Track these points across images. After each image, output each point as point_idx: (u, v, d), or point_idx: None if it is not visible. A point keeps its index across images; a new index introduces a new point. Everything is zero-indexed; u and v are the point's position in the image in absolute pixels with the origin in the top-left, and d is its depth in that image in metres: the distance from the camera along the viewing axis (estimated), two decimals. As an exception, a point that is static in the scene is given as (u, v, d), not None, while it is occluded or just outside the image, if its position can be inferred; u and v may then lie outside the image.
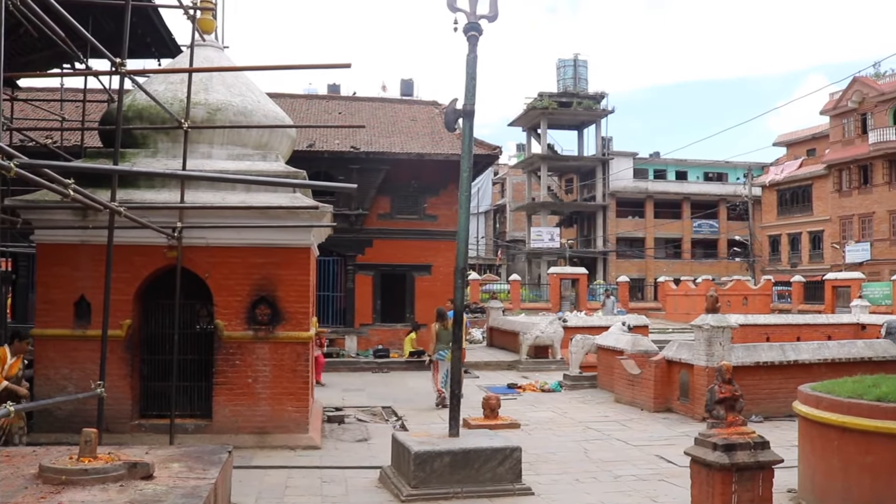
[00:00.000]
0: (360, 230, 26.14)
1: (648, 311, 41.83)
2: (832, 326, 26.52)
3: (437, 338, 16.40)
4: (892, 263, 46.74)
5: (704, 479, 7.01)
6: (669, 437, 13.13)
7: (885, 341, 16.39)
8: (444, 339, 16.05)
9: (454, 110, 9.21)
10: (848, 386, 8.78)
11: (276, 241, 11.92)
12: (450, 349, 16.00)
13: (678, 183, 67.18)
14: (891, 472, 7.77)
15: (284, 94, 29.82)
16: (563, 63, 62.80)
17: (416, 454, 9.04)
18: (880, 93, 49.39)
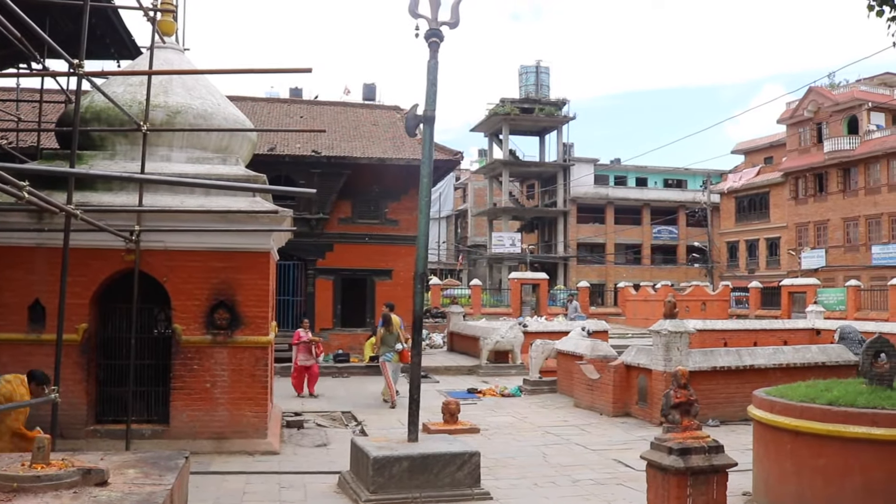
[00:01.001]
0: (321, 234, 26.05)
1: (609, 317, 42.12)
2: (788, 331, 26.93)
3: (383, 341, 17.29)
4: (846, 270, 47.59)
5: (660, 483, 7.09)
6: (627, 441, 13.25)
7: (839, 346, 16.68)
8: (389, 343, 17.17)
9: (415, 116, 9.24)
10: (801, 390, 8.94)
11: (236, 245, 11.85)
12: (395, 351, 17.07)
13: (638, 189, 67.79)
14: (842, 474, 7.92)
15: (246, 97, 29.69)
16: (525, 69, 63.09)
17: (375, 459, 9.03)
18: (835, 103, 50.30)
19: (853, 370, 13.39)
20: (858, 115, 49.31)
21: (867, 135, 48.39)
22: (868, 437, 7.75)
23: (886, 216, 46.64)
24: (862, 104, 49.03)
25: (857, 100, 49.27)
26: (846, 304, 37.87)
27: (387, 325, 17.33)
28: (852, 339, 16.62)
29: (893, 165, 46.50)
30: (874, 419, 7.78)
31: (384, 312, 17.80)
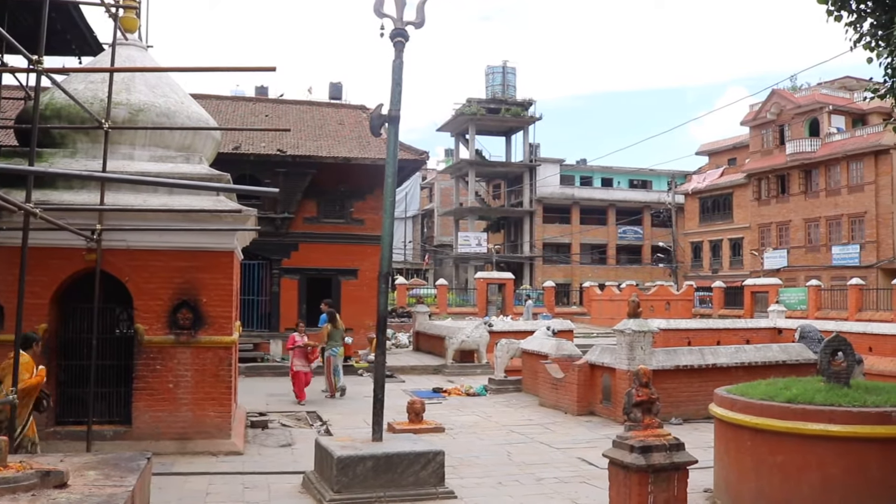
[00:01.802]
0: (286, 234, 25.94)
1: (574, 316, 42.37)
2: (750, 331, 27.23)
3: (330, 337, 18.29)
4: (807, 270, 48.26)
5: (622, 481, 7.16)
6: (592, 439, 13.34)
7: (799, 345, 16.93)
8: (335, 338, 18.30)
9: (380, 115, 9.24)
10: (761, 388, 9.06)
11: (199, 244, 11.76)
12: (341, 346, 18.18)
13: (604, 190, 68.23)
14: (800, 471, 8.05)
15: (210, 95, 29.44)
16: (491, 70, 63.28)
17: (339, 459, 9.02)
18: (797, 105, 50.99)
19: (813, 368, 13.60)
20: (820, 118, 50.02)
21: (828, 137, 49.11)
22: (825, 434, 7.88)
23: (846, 217, 47.38)
24: (823, 107, 49.76)
25: (819, 103, 49.99)
26: (807, 303, 38.45)
27: (333, 321, 18.49)
28: (812, 337, 16.88)
29: (853, 167, 47.24)
30: (831, 416, 7.91)
31: (329, 309, 19.03)
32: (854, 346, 9.59)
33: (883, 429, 7.77)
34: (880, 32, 9.81)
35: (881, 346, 20.35)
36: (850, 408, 7.98)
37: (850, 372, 8.93)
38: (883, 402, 8.06)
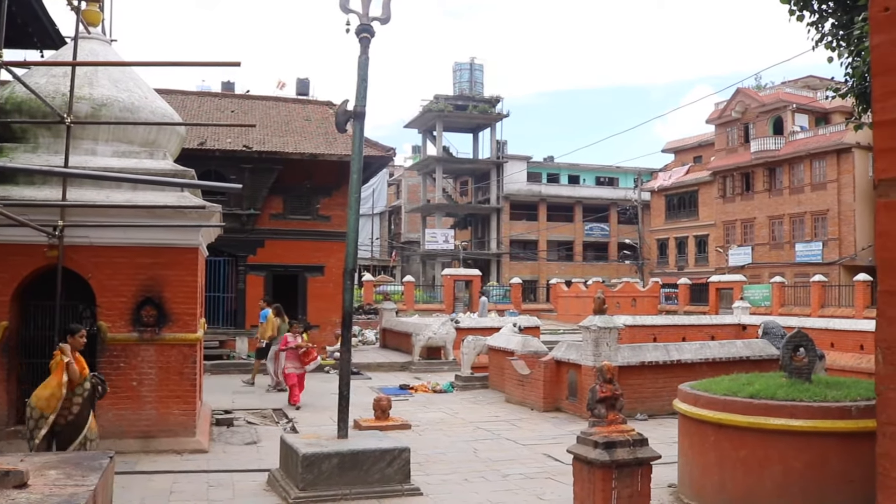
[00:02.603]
0: (252, 230, 25.74)
1: (541, 313, 42.50)
2: (715, 327, 27.47)
3: (279, 331, 18.53)
4: (771, 266, 48.82)
5: (586, 477, 7.20)
6: (557, 435, 13.39)
7: (762, 341, 17.11)
8: (284, 332, 18.21)
9: (345, 111, 9.21)
10: (724, 384, 9.16)
11: (163, 240, 11.65)
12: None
13: (571, 187, 68.50)
14: (762, 465, 8.14)
15: (175, 90, 29.12)
16: (459, 66, 63.30)
17: (304, 456, 8.98)
18: (762, 104, 51.53)
19: (776, 364, 13.75)
20: (783, 117, 50.59)
21: (791, 136, 49.68)
22: (787, 429, 7.98)
23: (809, 215, 47.98)
24: (787, 106, 50.32)
25: (783, 101, 50.55)
26: (771, 300, 38.91)
27: (280, 315, 19.02)
28: (775, 333, 17.07)
29: (816, 166, 47.83)
30: (792, 411, 8.02)
31: (276, 305, 19.55)
32: (816, 342, 9.73)
33: (843, 423, 7.89)
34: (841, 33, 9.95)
35: (843, 342, 20.64)
36: (811, 403, 8.09)
37: (812, 367, 9.05)
38: (843, 397, 8.18)
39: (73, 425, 8.85)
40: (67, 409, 8.80)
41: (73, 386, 8.79)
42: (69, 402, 8.79)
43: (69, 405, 8.80)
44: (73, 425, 8.84)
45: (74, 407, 8.84)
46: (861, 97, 10.41)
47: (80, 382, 8.89)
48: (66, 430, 8.86)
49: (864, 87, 10.03)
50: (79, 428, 8.88)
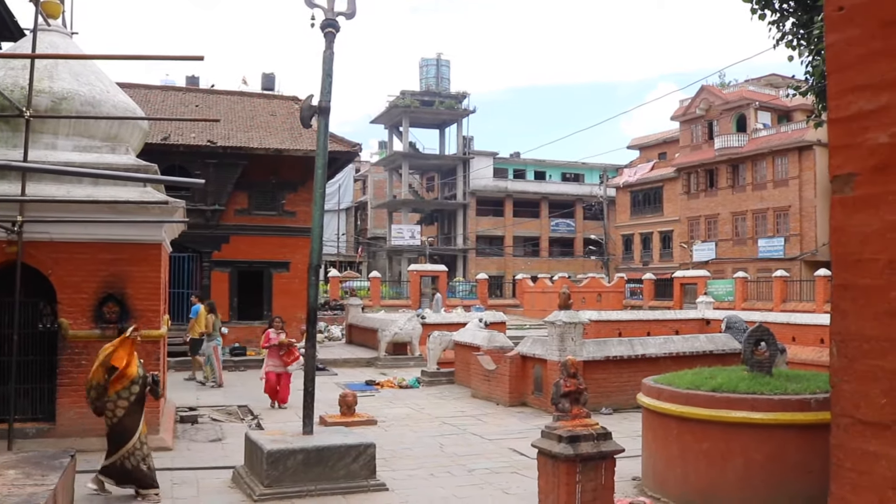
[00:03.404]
0: (217, 226, 25.56)
1: (507, 308, 42.64)
2: (680, 322, 27.69)
3: (213, 327, 19.01)
4: (734, 262, 49.31)
5: (551, 470, 7.25)
6: (523, 430, 13.45)
7: (725, 335, 17.31)
8: (217, 328, 19.12)
9: (310, 107, 9.17)
10: (687, 378, 9.26)
11: (126, 236, 11.52)
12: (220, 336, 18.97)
13: (537, 183, 68.68)
14: (724, 457, 8.25)
15: (139, 84, 28.84)
16: (425, 62, 63.24)
17: (269, 453, 8.94)
18: (725, 101, 52.01)
19: (738, 358, 13.91)
20: (746, 114, 51.09)
21: (754, 133, 50.20)
22: (748, 422, 8.09)
23: (772, 211, 48.53)
24: (750, 103, 50.83)
25: (746, 99, 51.05)
26: (734, 294, 39.33)
27: (214, 311, 19.44)
28: (738, 328, 17.28)
29: (778, 163, 48.38)
30: (753, 404, 8.12)
31: (209, 301, 20.00)
32: (778, 336, 9.86)
33: (802, 415, 8.01)
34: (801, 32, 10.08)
35: (804, 336, 20.91)
36: (772, 396, 8.21)
37: (773, 361, 9.17)
38: (803, 390, 8.31)
39: (120, 430, 8.35)
40: (112, 410, 8.34)
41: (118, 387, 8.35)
42: (113, 405, 8.33)
43: (113, 407, 8.34)
44: (118, 429, 8.35)
45: (119, 410, 8.35)
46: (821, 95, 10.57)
47: (127, 385, 8.43)
48: (111, 435, 8.43)
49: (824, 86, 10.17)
50: (126, 434, 8.36)
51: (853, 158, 1.72)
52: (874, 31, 1.67)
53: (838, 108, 1.76)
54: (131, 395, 8.41)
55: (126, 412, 8.36)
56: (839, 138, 1.77)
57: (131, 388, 8.41)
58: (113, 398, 8.32)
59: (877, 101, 1.67)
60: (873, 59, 1.68)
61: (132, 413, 8.44)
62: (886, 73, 1.65)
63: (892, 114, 1.64)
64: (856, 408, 1.70)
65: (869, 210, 1.68)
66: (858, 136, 1.71)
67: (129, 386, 8.40)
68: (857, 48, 1.71)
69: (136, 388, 8.47)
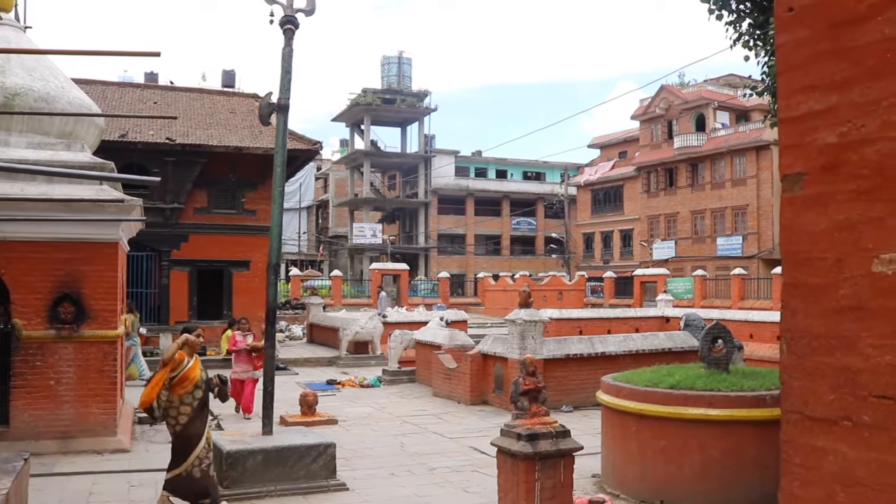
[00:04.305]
0: (176, 224, 25.27)
1: (469, 307, 42.69)
2: (640, 319, 27.93)
3: (132, 327, 18.39)
4: (693, 260, 49.86)
5: (510, 468, 7.27)
6: (484, 428, 13.47)
7: (684, 333, 17.48)
8: (136, 328, 18.95)
9: (269, 104, 9.11)
10: (645, 375, 9.34)
11: (82, 235, 11.34)
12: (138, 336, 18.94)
13: (498, 181, 68.81)
14: (681, 454, 8.34)
15: (95, 80, 28.38)
16: (387, 60, 63.06)
17: (228, 453, 8.87)
18: (685, 101, 52.55)
19: (696, 355, 14.06)
20: (705, 113, 51.66)
21: (713, 132, 50.78)
22: (705, 418, 8.18)
23: (730, 210, 49.12)
24: (709, 103, 51.40)
25: (705, 99, 51.61)
26: (693, 292, 39.73)
27: (132, 311, 18.96)
28: (696, 325, 17.45)
29: (736, 162, 48.99)
30: (710, 401, 8.22)
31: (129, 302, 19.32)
32: (736, 334, 9.99)
33: (758, 411, 8.11)
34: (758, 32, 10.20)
35: (761, 333, 21.18)
36: (729, 392, 8.31)
37: (730, 358, 9.28)
38: (758, 387, 8.42)
39: (185, 438, 7.85)
40: (174, 417, 7.81)
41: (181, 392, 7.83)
42: (176, 411, 7.80)
43: (176, 413, 7.81)
44: (183, 438, 7.85)
45: (182, 416, 7.81)
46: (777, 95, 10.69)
47: (190, 390, 7.89)
48: (176, 445, 7.92)
49: (780, 86, 10.30)
50: (191, 441, 7.83)
51: (802, 158, 1.74)
52: (823, 32, 1.69)
53: (788, 108, 1.78)
54: (194, 399, 7.90)
55: (190, 419, 7.87)
56: (789, 138, 1.79)
57: (194, 393, 7.90)
58: (175, 404, 7.83)
59: (825, 102, 1.69)
60: (822, 60, 1.70)
61: (196, 419, 7.94)
62: (835, 73, 1.67)
63: (841, 114, 1.66)
64: (805, 404, 1.72)
65: (817, 209, 1.70)
66: (808, 135, 1.73)
67: (193, 390, 7.90)
68: (806, 49, 1.74)
69: (200, 392, 7.96)
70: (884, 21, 1.55)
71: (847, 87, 1.63)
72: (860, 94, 1.61)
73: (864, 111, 1.60)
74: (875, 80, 1.58)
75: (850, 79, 1.63)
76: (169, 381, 7.84)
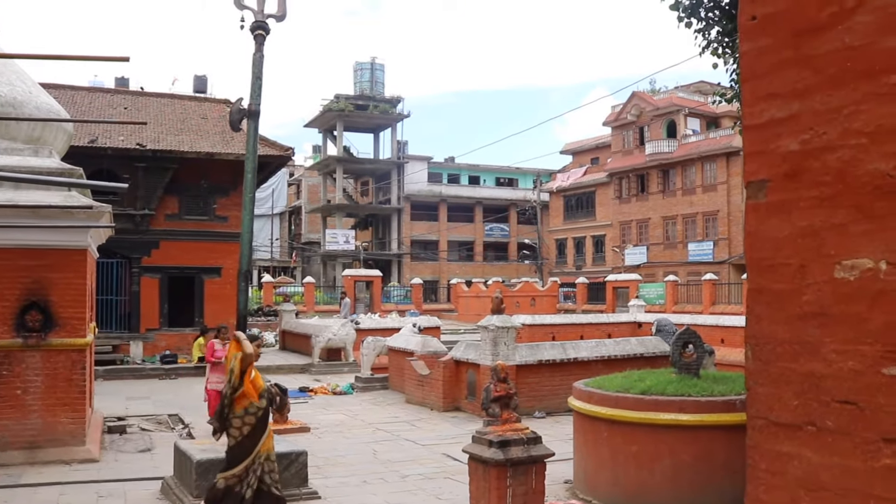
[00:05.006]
0: (146, 231, 25.07)
1: (442, 313, 42.66)
2: (612, 325, 28.03)
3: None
4: (665, 266, 50.21)
5: (481, 475, 7.26)
6: (457, 435, 13.46)
7: (655, 338, 17.58)
8: None
9: (239, 110, 9.06)
10: (617, 381, 9.37)
11: (49, 242, 11.21)
12: None
13: (471, 187, 68.89)
14: (653, 459, 8.37)
15: (64, 85, 28.16)
16: (360, 66, 62.97)
17: (199, 462, 8.79)
18: (656, 107, 52.96)
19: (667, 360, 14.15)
20: (676, 120, 52.09)
21: (684, 139, 51.21)
22: (676, 423, 8.22)
23: (701, 215, 49.54)
24: (679, 110, 51.85)
25: (675, 105, 52.06)
26: (665, 297, 39.97)
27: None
28: (667, 331, 17.55)
29: (707, 168, 49.43)
30: (681, 406, 8.26)
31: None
32: (707, 339, 10.07)
33: (728, 416, 8.16)
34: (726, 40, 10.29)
35: (732, 338, 21.33)
36: (699, 398, 8.36)
37: (700, 363, 9.34)
38: (728, 392, 8.48)
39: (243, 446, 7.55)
40: (238, 428, 7.49)
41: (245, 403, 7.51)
42: (240, 422, 7.50)
43: (240, 425, 7.49)
44: (241, 446, 7.54)
45: (245, 427, 7.49)
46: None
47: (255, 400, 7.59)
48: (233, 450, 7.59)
49: (749, 93, 10.40)
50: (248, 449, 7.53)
51: (766, 165, 1.76)
52: (785, 40, 1.71)
53: (752, 116, 1.80)
54: (259, 409, 7.58)
55: (252, 429, 7.54)
56: (753, 145, 1.80)
57: (259, 403, 7.60)
58: (240, 415, 7.52)
59: (788, 110, 1.70)
60: (784, 68, 1.71)
61: (257, 429, 7.60)
62: (797, 81, 1.68)
63: (803, 122, 1.67)
64: (770, 410, 1.73)
65: (781, 216, 1.71)
66: (771, 143, 1.74)
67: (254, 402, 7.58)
68: (769, 57, 1.75)
69: (263, 401, 7.66)
70: (843, 30, 1.57)
71: (809, 95, 1.65)
72: (821, 102, 1.62)
73: (826, 119, 1.61)
74: (835, 89, 1.59)
75: (811, 87, 1.64)
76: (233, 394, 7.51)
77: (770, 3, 1.75)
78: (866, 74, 1.54)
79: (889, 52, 1.50)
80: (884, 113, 1.51)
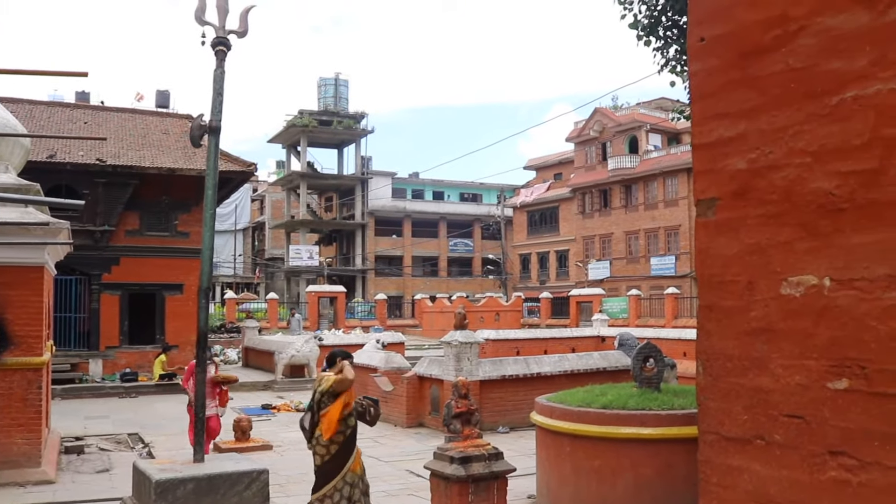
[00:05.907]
0: (106, 247, 24.78)
1: (406, 328, 42.58)
2: (576, 339, 28.15)
3: None
4: (628, 280, 50.59)
5: (443, 492, 7.25)
6: (420, 451, 13.41)
7: (618, 352, 17.68)
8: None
9: (200, 125, 8.97)
10: (579, 395, 9.41)
11: (5, 259, 11.02)
12: None
13: (435, 203, 68.95)
14: (615, 473, 8.40)
15: (22, 99, 27.83)
16: (324, 81, 62.88)
17: (157, 482, 8.64)
18: (618, 123, 53.47)
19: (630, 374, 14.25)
20: (638, 136, 52.63)
21: (646, 154, 51.73)
22: (637, 437, 8.26)
23: (663, 230, 50.02)
24: (641, 126, 52.40)
25: (637, 121, 52.61)
26: (628, 312, 40.25)
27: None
28: (629, 345, 17.65)
29: (668, 183, 49.97)
30: (643, 420, 8.31)
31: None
32: (670, 352, 10.14)
33: (689, 429, 8.21)
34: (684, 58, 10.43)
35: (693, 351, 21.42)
36: (660, 411, 8.41)
37: (661, 377, 9.41)
38: (689, 405, 8.54)
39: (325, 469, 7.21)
40: (326, 447, 7.13)
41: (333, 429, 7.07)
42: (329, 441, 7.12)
43: (328, 443, 7.13)
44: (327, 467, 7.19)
45: (333, 446, 7.12)
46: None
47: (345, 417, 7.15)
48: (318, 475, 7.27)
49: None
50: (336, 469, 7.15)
51: (715, 183, 1.79)
52: (732, 61, 1.74)
53: (701, 135, 1.83)
54: (347, 427, 7.19)
55: (340, 447, 7.19)
56: (702, 163, 1.83)
57: (348, 421, 7.20)
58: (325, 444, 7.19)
59: (735, 129, 1.73)
60: (732, 89, 1.74)
61: (345, 448, 7.24)
62: (744, 102, 1.72)
63: (750, 141, 1.70)
64: (720, 424, 1.75)
65: (730, 233, 1.74)
66: (720, 161, 1.77)
67: (346, 418, 7.18)
68: (717, 78, 1.78)
69: (352, 419, 7.27)
70: (787, 52, 1.61)
71: (755, 115, 1.68)
72: (767, 122, 1.65)
73: (772, 138, 1.64)
74: (780, 109, 1.63)
75: (757, 107, 1.68)
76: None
77: (718, 25, 1.78)
78: (809, 95, 1.58)
79: (831, 73, 1.54)
80: (826, 133, 1.55)
